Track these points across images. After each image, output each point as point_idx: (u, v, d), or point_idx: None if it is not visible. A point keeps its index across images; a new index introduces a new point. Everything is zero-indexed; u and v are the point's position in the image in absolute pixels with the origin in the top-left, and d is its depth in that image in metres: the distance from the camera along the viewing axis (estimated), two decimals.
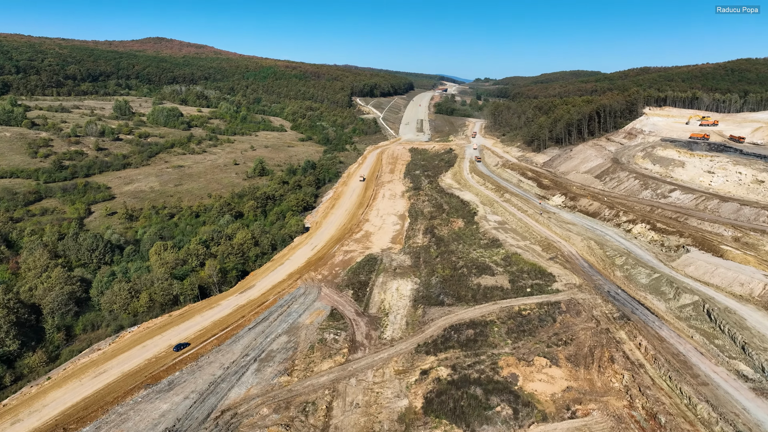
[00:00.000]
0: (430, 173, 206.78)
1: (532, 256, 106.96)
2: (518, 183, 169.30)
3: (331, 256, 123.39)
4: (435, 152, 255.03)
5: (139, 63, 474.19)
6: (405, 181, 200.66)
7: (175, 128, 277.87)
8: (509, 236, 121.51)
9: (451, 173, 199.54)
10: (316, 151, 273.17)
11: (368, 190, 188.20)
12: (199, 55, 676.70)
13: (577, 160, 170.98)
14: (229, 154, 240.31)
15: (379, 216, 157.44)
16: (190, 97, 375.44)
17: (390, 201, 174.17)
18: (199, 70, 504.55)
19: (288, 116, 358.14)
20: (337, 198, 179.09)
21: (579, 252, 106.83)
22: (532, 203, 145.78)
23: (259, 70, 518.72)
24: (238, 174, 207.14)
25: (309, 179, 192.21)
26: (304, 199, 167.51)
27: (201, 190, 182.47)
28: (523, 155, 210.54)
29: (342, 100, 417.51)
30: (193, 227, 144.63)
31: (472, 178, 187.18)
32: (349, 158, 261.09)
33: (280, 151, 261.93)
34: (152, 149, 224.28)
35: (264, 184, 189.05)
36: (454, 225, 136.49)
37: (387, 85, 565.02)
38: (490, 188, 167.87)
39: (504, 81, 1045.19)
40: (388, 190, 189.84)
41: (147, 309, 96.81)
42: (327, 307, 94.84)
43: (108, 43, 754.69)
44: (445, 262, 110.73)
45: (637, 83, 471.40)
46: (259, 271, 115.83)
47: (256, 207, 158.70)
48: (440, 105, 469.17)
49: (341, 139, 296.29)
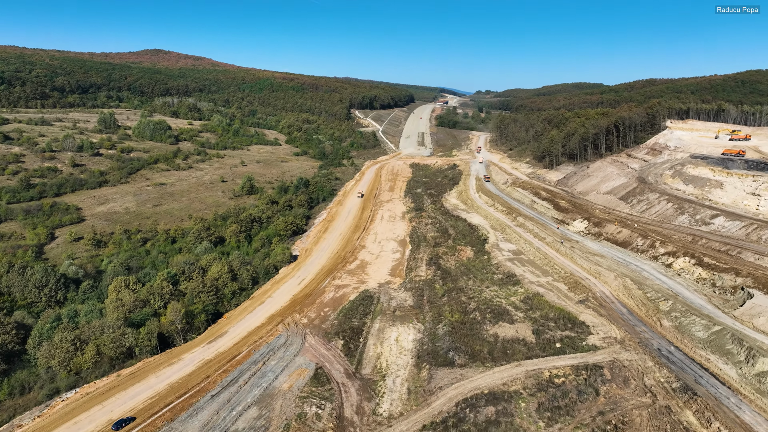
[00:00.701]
0: (432, 192, 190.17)
1: (558, 297, 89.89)
2: (531, 204, 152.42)
3: (320, 293, 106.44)
4: (438, 168, 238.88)
5: (132, 74, 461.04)
6: (406, 201, 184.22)
7: (161, 142, 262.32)
8: (527, 270, 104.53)
9: (456, 192, 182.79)
10: (311, 166, 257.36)
11: (365, 211, 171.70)
12: (196, 67, 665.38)
13: (596, 179, 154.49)
14: (217, 170, 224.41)
15: (376, 242, 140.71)
16: (182, 109, 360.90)
17: (389, 224, 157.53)
18: (194, 82, 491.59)
19: (283, 129, 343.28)
20: (330, 220, 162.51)
21: (614, 293, 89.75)
22: (549, 229, 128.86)
23: (256, 82, 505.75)
24: (225, 192, 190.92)
25: (301, 199, 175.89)
26: (293, 222, 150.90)
27: (182, 211, 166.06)
28: (534, 172, 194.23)
29: (340, 113, 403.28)
30: (166, 255, 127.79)
31: (479, 197, 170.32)
32: (345, 174, 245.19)
33: (272, 166, 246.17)
34: (134, 165, 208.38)
35: (251, 204, 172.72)
36: (461, 254, 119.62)
37: (387, 97, 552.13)
38: (501, 210, 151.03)
39: (505, 93, 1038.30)
40: (387, 210, 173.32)
41: (93, 365, 79.60)
42: (311, 364, 77.61)
43: (104, 55, 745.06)
44: (454, 303, 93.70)
45: (644, 95, 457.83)
46: (235, 312, 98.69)
47: (240, 231, 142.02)
48: (442, 117, 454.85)
49: (338, 153, 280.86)
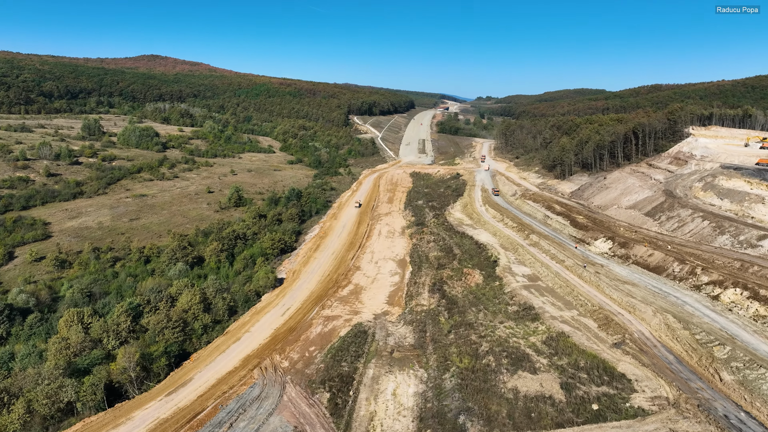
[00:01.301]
0: (435, 204, 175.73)
1: (588, 338, 75.19)
2: (545, 219, 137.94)
3: (306, 326, 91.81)
4: (440, 178, 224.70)
5: (124, 80, 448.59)
6: (405, 214, 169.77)
7: (148, 150, 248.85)
8: (547, 301, 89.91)
9: (460, 205, 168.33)
10: (306, 175, 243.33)
11: (361, 226, 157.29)
12: (193, 72, 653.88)
13: (615, 191, 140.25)
14: (205, 180, 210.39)
15: (373, 262, 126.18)
16: (174, 115, 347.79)
17: (387, 240, 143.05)
18: (189, 87, 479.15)
19: (278, 136, 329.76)
20: (323, 236, 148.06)
21: (654, 333, 75.04)
22: (569, 250, 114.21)
23: (252, 87, 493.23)
24: (211, 204, 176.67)
25: (291, 212, 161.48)
26: (281, 240, 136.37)
27: (161, 226, 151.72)
28: (545, 183, 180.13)
29: (338, 119, 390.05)
30: (136, 279, 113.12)
31: (486, 211, 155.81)
32: (342, 184, 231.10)
33: (264, 175, 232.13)
34: (114, 175, 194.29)
35: (238, 218, 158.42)
36: (469, 279, 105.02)
37: (387, 102, 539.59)
38: (511, 226, 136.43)
39: (506, 99, 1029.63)
40: (385, 225, 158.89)
41: (21, 427, 64.92)
42: (288, 427, 62.91)
43: (99, 60, 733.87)
44: (462, 343, 79.04)
45: (651, 101, 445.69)
46: (205, 352, 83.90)
47: (221, 250, 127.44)
48: (443, 124, 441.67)
49: (334, 161, 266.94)
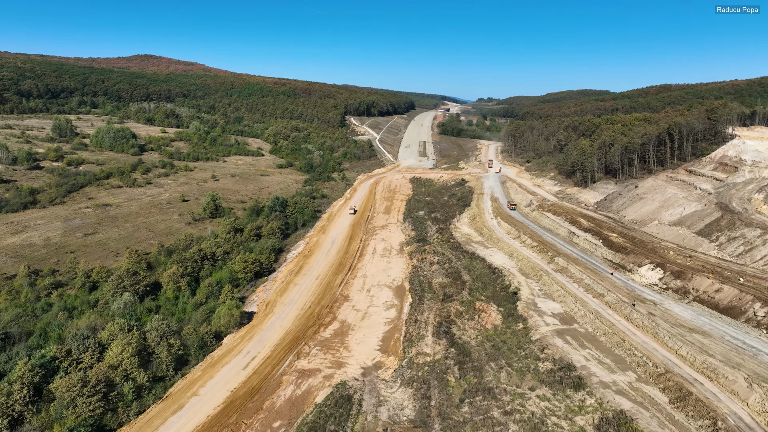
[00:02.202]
0: (438, 216, 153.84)
1: (661, 425, 53.25)
2: (570, 237, 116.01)
3: (274, 386, 70.06)
4: (443, 184, 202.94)
5: (110, 79, 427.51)
6: (405, 227, 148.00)
7: (123, 152, 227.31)
8: (591, 356, 68.06)
9: (467, 217, 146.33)
10: (295, 180, 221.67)
11: (353, 242, 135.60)
12: (186, 72, 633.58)
13: (652, 203, 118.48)
14: (182, 187, 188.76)
15: (365, 289, 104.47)
16: (158, 115, 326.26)
17: (383, 261, 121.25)
18: (178, 87, 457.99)
19: (269, 138, 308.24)
20: (308, 254, 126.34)
21: (758, 418, 53.17)
22: (606, 279, 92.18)
23: (245, 87, 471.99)
24: (183, 216, 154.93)
25: (273, 226, 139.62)
26: (257, 261, 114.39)
27: (120, 242, 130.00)
28: (563, 191, 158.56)
29: (334, 120, 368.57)
30: (72, 314, 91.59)
31: (498, 225, 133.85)
32: (335, 191, 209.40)
33: (249, 181, 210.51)
34: (77, 181, 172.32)
35: (210, 233, 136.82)
36: (484, 318, 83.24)
37: (386, 103, 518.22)
38: (530, 245, 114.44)
39: (508, 101, 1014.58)
40: (381, 240, 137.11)
41: None
42: None
43: (90, 60, 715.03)
44: (482, 424, 57.24)
45: (663, 101, 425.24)
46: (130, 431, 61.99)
47: (182, 275, 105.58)
48: (445, 125, 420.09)
49: (327, 165, 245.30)
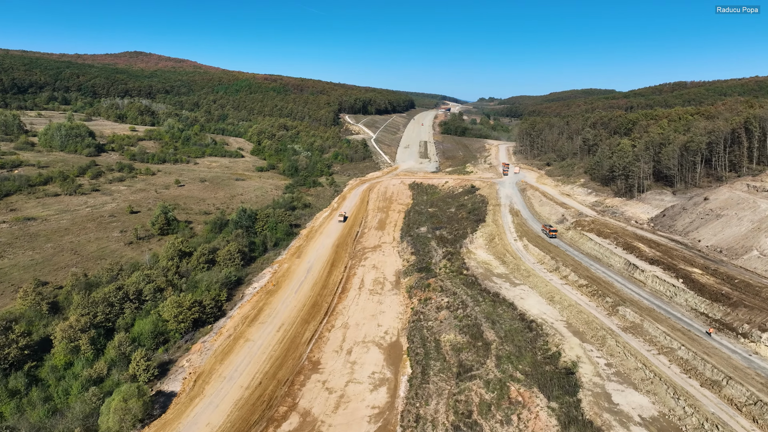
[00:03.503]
0: (445, 234, 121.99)
1: None
2: (629, 271, 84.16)
3: None
4: (449, 191, 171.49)
5: (86, 73, 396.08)
6: (402, 248, 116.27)
7: (76, 153, 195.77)
8: None
9: (483, 236, 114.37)
10: (276, 186, 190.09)
11: (335, 269, 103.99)
12: (175, 69, 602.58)
13: (740, 223, 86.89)
14: (136, 194, 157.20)
15: (344, 351, 72.91)
16: (131, 112, 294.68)
17: (372, 300, 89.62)
18: (161, 83, 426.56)
19: (252, 137, 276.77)
20: (273, 290, 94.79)
21: None
22: (713, 352, 60.15)
23: (232, 83, 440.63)
24: (125, 233, 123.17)
25: (232, 248, 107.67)
26: (196, 304, 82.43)
27: (29, 270, 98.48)
28: (601, 202, 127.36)
29: (326, 117, 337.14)
30: None
31: (525, 250, 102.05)
32: (320, 198, 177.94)
33: (220, 187, 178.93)
34: (4, 187, 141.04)
35: (146, 261, 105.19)
36: (528, 422, 51.70)
37: (383, 101, 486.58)
38: (575, 282, 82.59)
39: (510, 100, 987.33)
40: (371, 268, 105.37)
41: None
42: None
43: (76, 56, 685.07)
44: None
45: (683, 99, 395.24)
46: None
47: (86, 327, 74.17)
48: (447, 124, 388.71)
49: (315, 168, 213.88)
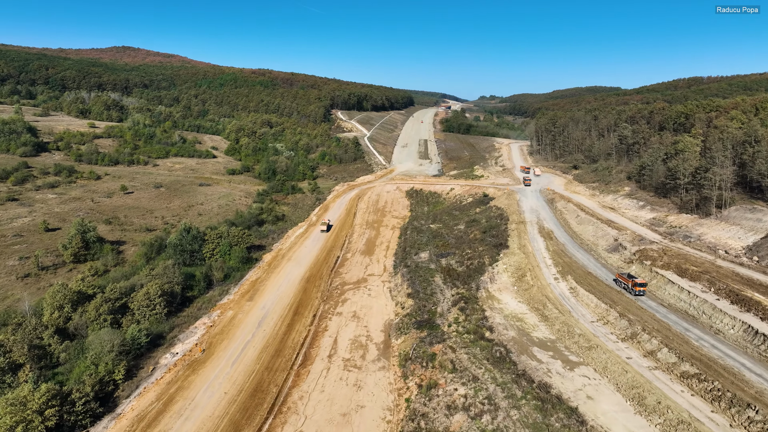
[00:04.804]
0: (453, 263, 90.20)
1: None
2: (755, 344, 53.20)
3: None
4: (455, 201, 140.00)
5: (56, 66, 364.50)
6: (396, 284, 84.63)
7: (8, 153, 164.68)
8: None
9: (508, 271, 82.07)
10: (247, 193, 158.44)
11: (297, 323, 72.22)
12: (162, 64, 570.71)
13: None
14: (66, 204, 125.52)
15: None
16: (97, 106, 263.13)
17: (346, 384, 57.81)
18: (140, 76, 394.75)
19: (230, 134, 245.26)
20: (199, 362, 63.02)
21: None
22: None
23: (217, 77, 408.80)
24: (27, 258, 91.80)
25: (153, 289, 75.56)
26: (57, 399, 50.78)
27: None
28: (661, 220, 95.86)
29: (316, 113, 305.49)
30: None
31: (574, 297, 70.27)
32: (299, 208, 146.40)
33: (178, 194, 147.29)
34: None
35: (25, 309, 73.60)
36: None
37: (381, 97, 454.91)
38: (676, 369, 51.63)
39: (512, 98, 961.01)
40: (350, 320, 73.59)
41: None
42: None
43: (60, 51, 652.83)
44: None
45: (702, 94, 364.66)
46: None
47: None
48: (449, 121, 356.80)
49: (296, 170, 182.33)
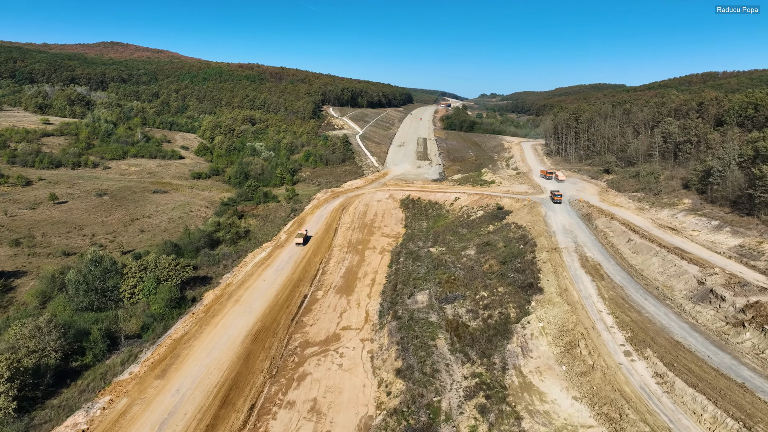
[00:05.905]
0: (464, 312, 64.04)
1: None
2: None
3: None
4: (462, 214, 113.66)
5: (25, 59, 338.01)
6: (380, 349, 58.44)
7: None
8: None
9: (548, 335, 54.51)
10: (209, 202, 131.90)
11: (227, 417, 45.77)
12: (150, 59, 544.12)
13: None
14: None
15: None
16: (59, 101, 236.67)
17: None
18: (117, 71, 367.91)
19: (205, 132, 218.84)
20: None
21: None
22: None
23: (201, 71, 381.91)
24: None
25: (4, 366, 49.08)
26: None
27: None
28: (755, 249, 69.01)
29: (304, 109, 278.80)
30: None
31: (667, 392, 43.93)
32: (269, 221, 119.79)
33: (123, 204, 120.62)
34: None
35: None
36: None
37: (377, 93, 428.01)
38: None
39: (513, 96, 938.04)
40: (305, 420, 47.66)
41: None
42: None
43: (44, 45, 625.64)
44: None
45: (722, 89, 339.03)
46: None
47: None
48: (451, 118, 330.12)
49: (273, 174, 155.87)
